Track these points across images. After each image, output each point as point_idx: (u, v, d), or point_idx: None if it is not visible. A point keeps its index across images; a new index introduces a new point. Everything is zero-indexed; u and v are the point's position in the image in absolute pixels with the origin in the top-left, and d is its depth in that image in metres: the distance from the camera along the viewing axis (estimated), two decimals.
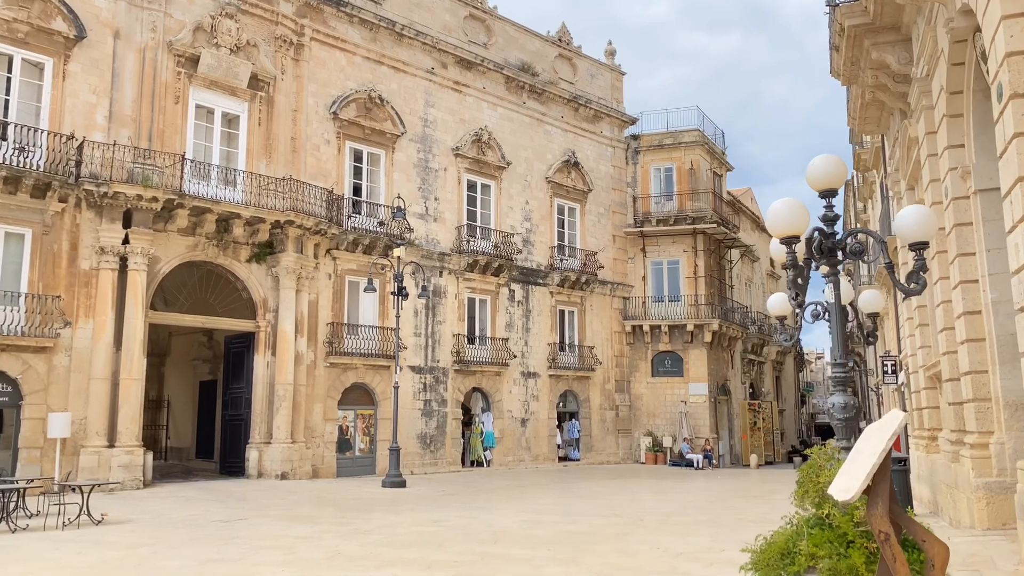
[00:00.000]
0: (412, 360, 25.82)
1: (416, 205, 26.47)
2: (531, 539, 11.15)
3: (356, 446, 24.31)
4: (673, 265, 34.48)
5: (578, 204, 32.74)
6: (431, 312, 26.64)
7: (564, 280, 31.16)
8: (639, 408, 33.90)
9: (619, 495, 19.04)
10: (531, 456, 29.45)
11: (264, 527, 12.74)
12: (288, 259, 22.28)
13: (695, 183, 34.41)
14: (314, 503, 16.78)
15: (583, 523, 13.08)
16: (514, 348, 29.21)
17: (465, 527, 12.55)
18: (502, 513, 14.69)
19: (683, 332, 33.49)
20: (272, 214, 21.71)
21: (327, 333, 23.62)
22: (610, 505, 16.22)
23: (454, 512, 14.88)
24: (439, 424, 26.35)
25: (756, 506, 16.05)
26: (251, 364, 22.48)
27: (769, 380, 44.57)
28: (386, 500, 17.51)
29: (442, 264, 27.07)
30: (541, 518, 13.81)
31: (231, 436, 23.05)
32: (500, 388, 28.68)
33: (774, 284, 47.86)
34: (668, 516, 14.11)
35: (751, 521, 13.12)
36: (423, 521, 13.49)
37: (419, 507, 15.93)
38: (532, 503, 16.82)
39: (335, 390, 23.72)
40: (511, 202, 29.89)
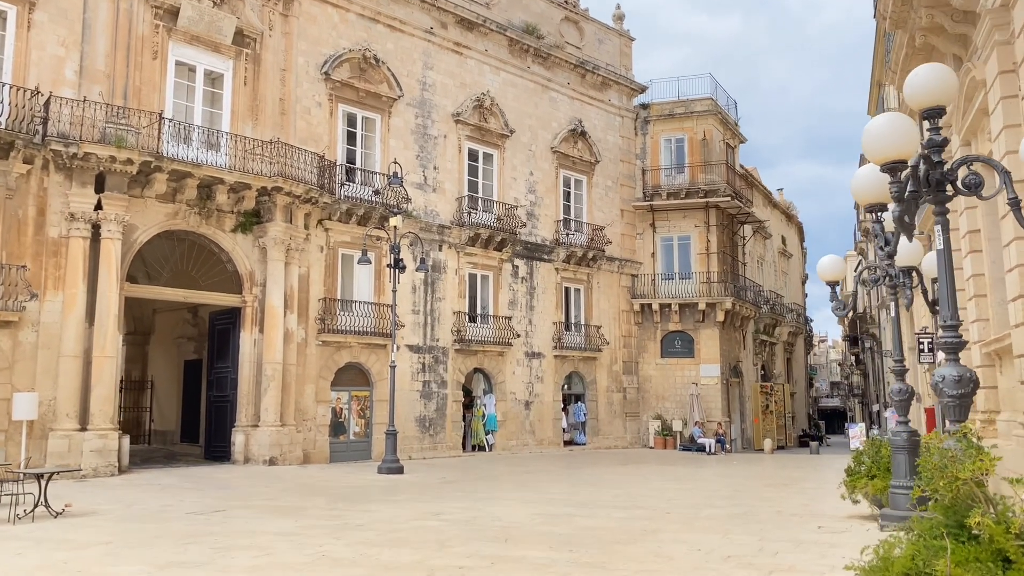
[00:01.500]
0: (410, 339, 24.29)
1: (414, 174, 24.83)
2: (547, 537, 9.64)
3: (351, 429, 22.81)
4: (684, 241, 32.88)
5: (585, 176, 31.10)
6: (430, 288, 25.07)
7: (570, 256, 29.58)
8: (648, 390, 32.42)
9: (635, 483, 17.57)
10: (535, 440, 27.99)
11: (242, 521, 11.23)
12: (276, 229, 20.69)
13: (707, 154, 32.76)
14: (302, 492, 15.30)
15: (602, 517, 11.58)
16: (517, 327, 27.68)
17: (470, 521, 11.05)
18: (510, 504, 13.20)
19: (694, 311, 31.95)
20: (258, 180, 20.10)
21: (319, 309, 22.06)
22: (629, 495, 14.73)
23: (456, 503, 13.39)
24: (439, 406, 24.85)
25: (790, 496, 14.57)
26: (237, 342, 20.94)
27: (780, 362, 43.11)
28: (382, 488, 16.04)
29: (442, 237, 25.47)
30: (554, 510, 12.32)
31: (216, 419, 21.55)
32: (503, 369, 27.17)
33: (786, 263, 46.34)
34: (696, 508, 12.61)
35: (793, 515, 11.64)
36: (422, 514, 11.99)
37: (418, 497, 14.44)
38: (541, 492, 15.34)
39: (328, 370, 22.19)
40: (514, 173, 28.26)
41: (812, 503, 13.26)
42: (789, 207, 47.43)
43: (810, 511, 12.04)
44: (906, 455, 9.74)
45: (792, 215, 48.20)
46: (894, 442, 9.85)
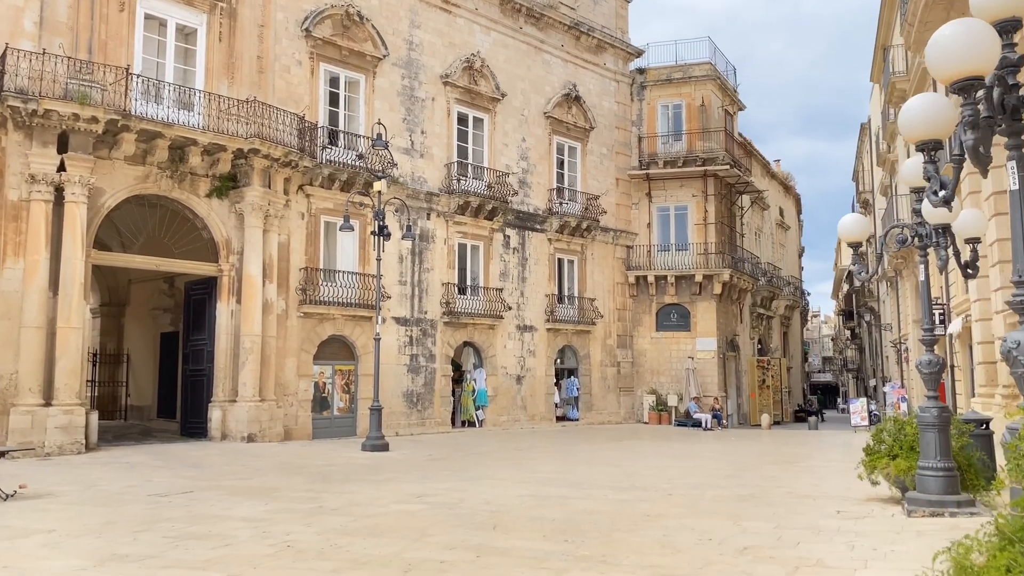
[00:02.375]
0: (397, 311, 23.28)
1: (400, 138, 23.69)
2: (540, 523, 8.72)
3: (334, 405, 21.86)
4: (681, 211, 31.87)
5: (579, 143, 29.98)
6: (417, 258, 24.02)
7: (563, 226, 28.55)
8: (642, 365, 31.55)
9: (631, 460, 16.70)
10: (527, 416, 27.12)
11: (207, 504, 10.28)
12: (253, 194, 19.58)
13: (706, 121, 31.65)
14: (279, 471, 14.36)
15: (599, 499, 10.67)
16: (509, 299, 26.70)
17: (456, 505, 10.12)
18: (500, 484, 12.29)
19: (691, 283, 31.01)
20: (234, 141, 18.96)
21: (300, 279, 21.01)
22: (626, 474, 13.84)
23: (442, 483, 12.47)
24: (427, 381, 23.91)
25: (797, 476, 13.71)
26: (213, 313, 19.90)
27: (777, 336, 42.32)
28: (364, 467, 15.12)
29: (429, 205, 24.38)
30: (547, 491, 11.41)
31: (193, 394, 20.56)
32: (494, 342, 26.23)
33: (783, 235, 45.44)
34: (699, 489, 11.72)
35: (806, 497, 10.75)
36: (405, 496, 11.06)
37: (402, 476, 13.53)
38: (533, 471, 14.44)
39: (310, 343, 21.20)
40: (506, 139, 27.12)
41: (822, 483, 12.40)
42: (787, 178, 46.43)
43: (823, 492, 11.17)
44: (936, 433, 8.84)
45: (790, 186, 47.21)
46: (923, 419, 8.95)
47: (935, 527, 7.99)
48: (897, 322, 31.50)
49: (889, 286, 34.03)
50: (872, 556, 6.74)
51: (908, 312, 26.36)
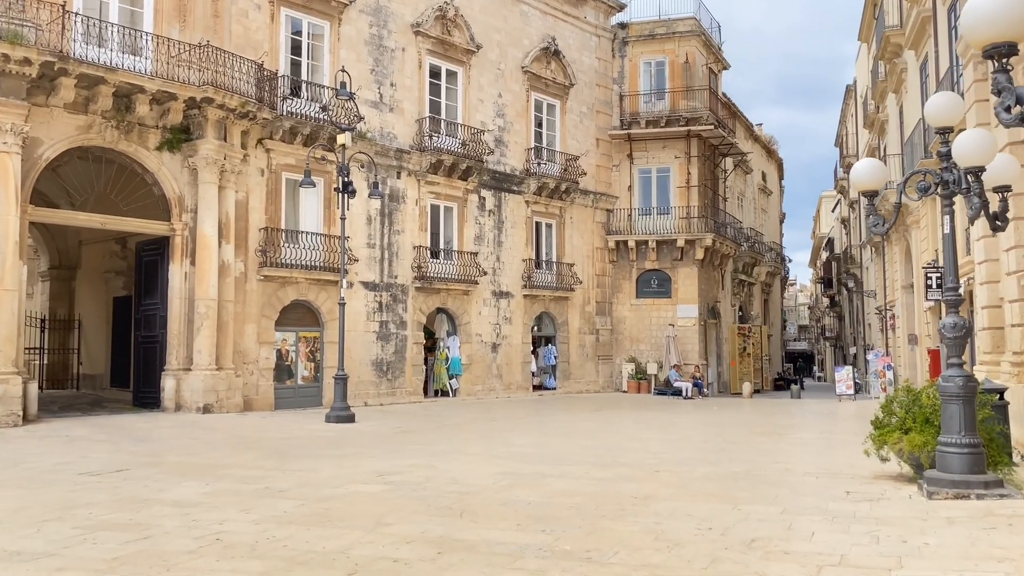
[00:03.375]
0: (365, 275, 22.03)
1: (368, 91, 22.26)
2: (514, 508, 7.64)
3: (298, 374, 20.67)
4: (663, 173, 30.73)
5: (558, 100, 28.66)
6: (387, 220, 22.72)
7: (542, 188, 27.33)
8: (621, 332, 30.60)
9: (612, 432, 15.70)
10: (503, 385, 26.10)
11: (140, 485, 9.10)
12: (208, 147, 18.16)
13: (689, 79, 30.42)
14: (232, 445, 13.20)
15: (580, 477, 9.63)
16: (484, 264, 25.52)
17: (421, 485, 9.03)
18: (471, 460, 11.22)
19: (672, 248, 29.98)
20: (185, 89, 17.49)
21: (260, 240, 19.68)
22: (607, 448, 12.83)
23: (409, 458, 11.38)
24: (397, 349, 22.74)
25: (791, 450, 12.77)
26: (166, 275, 18.56)
27: (758, 303, 41.55)
28: (325, 440, 13.99)
29: (400, 163, 23.04)
30: (522, 468, 10.35)
31: (145, 362, 19.26)
32: (468, 309, 25.08)
33: (765, 200, 44.52)
34: (689, 465, 10.72)
35: (807, 475, 9.78)
36: (365, 474, 9.95)
37: (365, 450, 12.42)
38: (508, 444, 13.39)
39: (271, 308, 19.93)
40: (481, 94, 25.75)
41: (820, 458, 11.46)
42: (770, 141, 45.40)
43: (824, 469, 10.20)
44: (961, 406, 7.85)
45: (773, 150, 46.18)
46: (945, 389, 7.94)
47: (965, 512, 7.02)
48: (883, 289, 30.73)
49: (875, 251, 33.23)
50: (904, 551, 5.72)
51: (896, 278, 25.53)
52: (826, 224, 70.59)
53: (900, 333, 25.64)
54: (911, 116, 21.72)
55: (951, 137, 8.13)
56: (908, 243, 23.48)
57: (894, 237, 25.83)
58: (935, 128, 8.20)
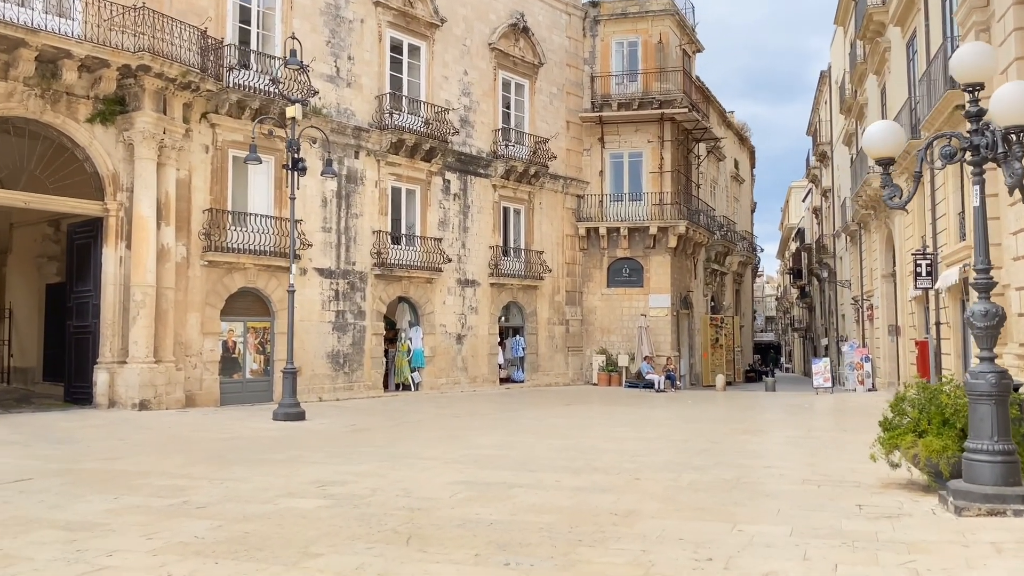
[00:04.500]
0: (320, 261, 20.62)
1: (324, 64, 20.80)
2: (473, 530, 6.41)
3: (247, 367, 19.23)
4: (635, 158, 29.63)
5: (527, 80, 27.39)
6: (344, 202, 21.31)
7: (510, 171, 26.06)
8: (592, 323, 29.50)
9: (584, 429, 14.53)
10: (468, 378, 24.85)
11: (34, 500, 7.72)
12: (145, 120, 16.63)
13: (663, 61, 29.31)
14: (162, 447, 11.82)
15: (551, 487, 8.42)
16: (449, 251, 24.22)
17: (366, 498, 7.76)
18: (428, 466, 9.95)
19: (644, 236, 28.91)
20: (119, 55, 15.95)
21: (204, 222, 18.19)
22: (579, 449, 11.64)
23: (357, 464, 10.10)
24: (355, 340, 21.37)
25: (782, 451, 11.68)
26: (99, 260, 17.03)
27: (730, 293, 40.74)
28: (269, 441, 12.65)
29: (358, 142, 21.62)
30: (485, 476, 9.12)
31: (78, 354, 17.73)
32: (432, 298, 23.77)
33: (738, 188, 43.68)
34: (672, 470, 9.56)
35: (808, 483, 8.65)
36: (304, 484, 8.65)
37: (310, 454, 11.11)
38: (471, 445, 12.16)
39: (217, 296, 18.46)
40: (446, 71, 24.38)
41: (817, 461, 10.36)
42: (743, 128, 44.54)
43: (824, 476, 9.09)
44: (993, 406, 6.75)
45: (745, 137, 45.35)
46: (975, 387, 6.85)
47: (1009, 534, 5.92)
48: (860, 278, 29.94)
49: (850, 240, 32.45)
50: None
51: (876, 267, 24.68)
52: (795, 214, 70.20)
53: (879, 324, 24.81)
54: (895, 97, 20.79)
55: (981, 95, 7.02)
56: (890, 230, 22.61)
57: (873, 225, 24.98)
58: (962, 84, 7.07)
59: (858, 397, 24.12)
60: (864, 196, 22.83)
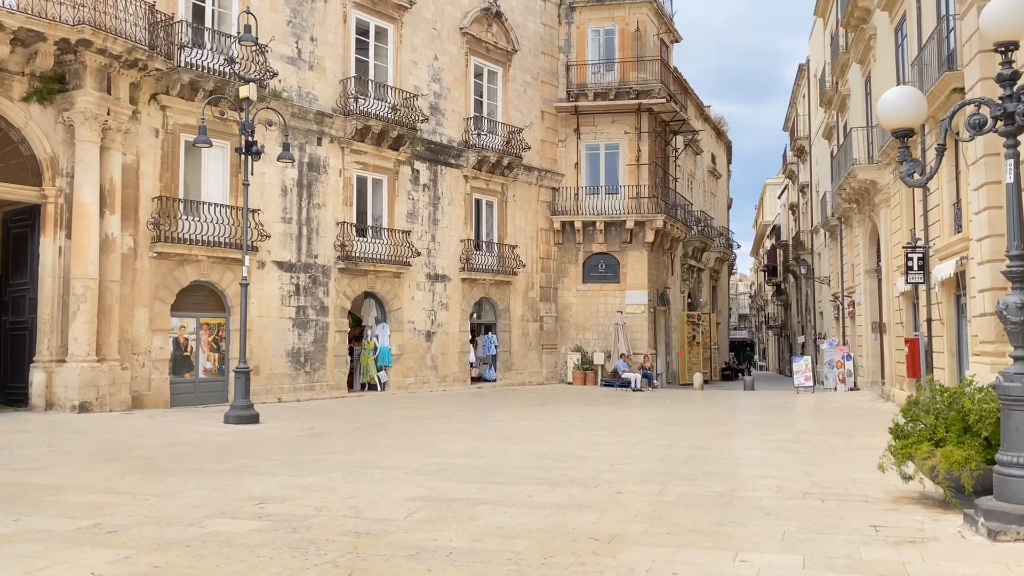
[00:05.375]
0: (280, 254, 19.46)
1: (284, 45, 19.64)
2: (428, 563, 5.41)
3: (199, 366, 18.04)
4: (612, 150, 28.73)
5: (500, 67, 26.37)
6: (306, 191, 20.17)
7: (482, 162, 25.03)
8: (567, 320, 28.57)
9: (559, 433, 13.57)
10: (438, 377, 23.80)
11: None
12: (86, 100, 15.40)
13: (640, 50, 28.42)
14: (94, 456, 10.66)
15: (522, 505, 7.44)
16: (418, 244, 23.15)
17: (307, 520, 6.72)
18: (384, 478, 8.92)
19: (621, 230, 28.03)
20: (56, 28, 14.71)
21: (154, 211, 16.98)
22: (554, 456, 10.66)
23: (306, 475, 9.04)
24: (317, 337, 20.24)
25: (775, 458, 10.77)
26: (36, 250, 15.76)
27: (707, 290, 40.01)
28: (216, 447, 11.55)
29: (321, 128, 20.48)
30: (448, 491, 8.10)
31: (14, 352, 16.45)
32: (400, 294, 22.68)
33: (715, 184, 42.98)
34: (658, 483, 8.61)
35: (808, 495, 7.73)
36: (240, 500, 7.59)
37: (258, 462, 10.04)
38: (435, 451, 11.13)
39: (167, 290, 17.26)
40: (415, 55, 23.28)
41: (814, 469, 9.46)
42: (720, 122, 43.83)
43: (826, 487, 8.19)
44: None
45: (723, 131, 44.65)
46: (1009, 392, 5.96)
47: None
48: (840, 275, 29.28)
49: (829, 236, 31.79)
50: None
51: (859, 262, 23.96)
52: (770, 212, 69.82)
53: (862, 321, 24.11)
54: (882, 85, 20.04)
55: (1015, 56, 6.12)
56: (874, 224, 21.88)
57: (856, 219, 24.26)
58: (994, 44, 6.17)
59: (840, 397, 23.40)
60: (848, 189, 22.06)
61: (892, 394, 19.73)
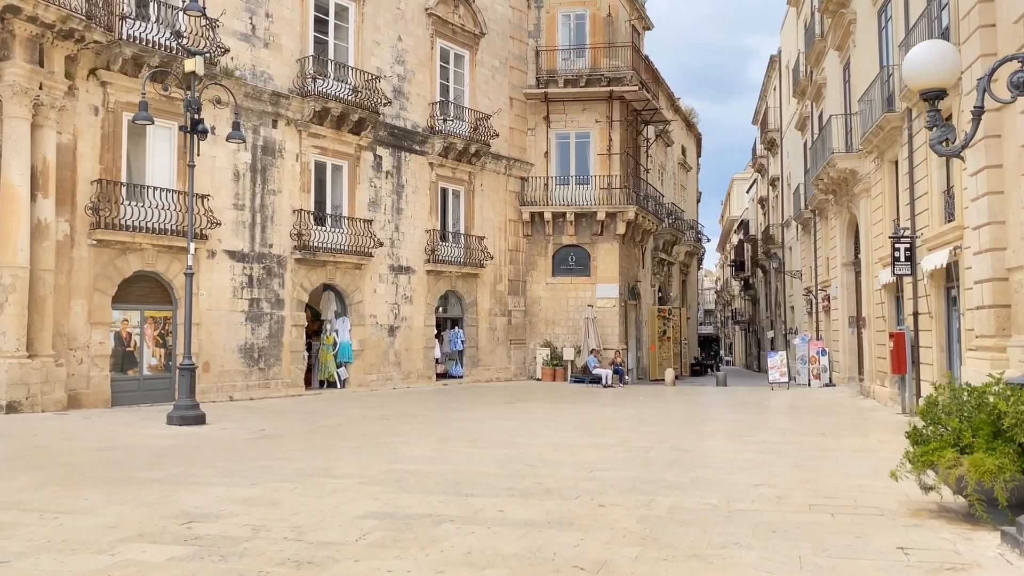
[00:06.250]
0: (231, 243, 18.27)
1: (237, 20, 18.43)
2: None
3: (144, 362, 16.82)
4: (582, 139, 27.87)
5: (467, 51, 25.34)
6: (260, 176, 18.99)
7: (448, 148, 24.00)
8: (536, 314, 27.68)
9: (530, 434, 12.65)
10: (401, 374, 22.75)
11: None
12: (15, 72, 14.11)
13: (612, 36, 27.59)
14: (10, 463, 9.56)
15: (491, 519, 6.50)
16: (381, 234, 22.08)
17: (240, 544, 5.71)
18: (339, 487, 7.92)
19: (592, 222, 27.20)
20: None
21: (93, 195, 15.72)
22: (526, 460, 9.73)
23: (251, 484, 8.02)
24: (272, 332, 19.08)
25: (764, 460, 9.94)
26: None
27: (677, 284, 39.37)
28: (152, 452, 10.44)
29: (276, 109, 19.30)
30: (407, 504, 7.12)
31: None
32: (361, 286, 21.59)
33: (685, 176, 42.37)
34: (644, 491, 7.73)
35: (814, 508, 6.89)
36: (169, 517, 6.55)
37: (197, 469, 8.98)
38: (397, 456, 10.14)
39: (108, 281, 16.01)
40: (378, 35, 22.17)
41: (814, 477, 8.64)
42: (690, 114, 43.21)
43: (833, 498, 7.35)
44: None
45: (693, 123, 44.04)
46: None
47: None
48: (813, 269, 28.74)
49: (802, 229, 31.27)
50: None
51: (835, 255, 23.36)
52: (738, 207, 69.63)
53: (838, 316, 23.52)
54: (862, 71, 19.40)
55: None
56: (853, 215, 21.26)
57: (832, 210, 23.65)
58: None
59: (817, 393, 22.80)
60: (826, 179, 21.42)
61: (872, 390, 19.12)
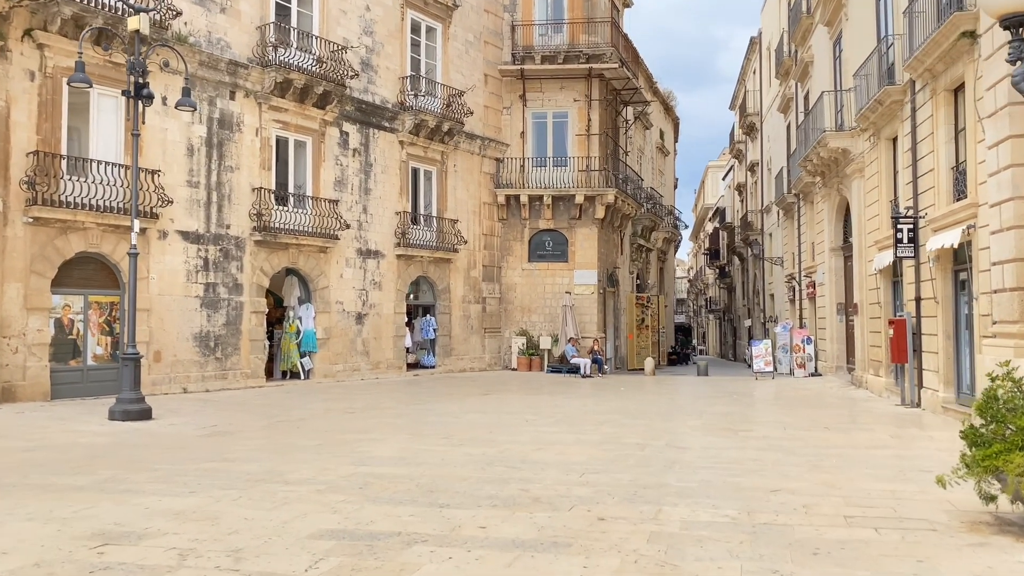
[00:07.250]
0: (185, 222, 16.94)
1: None
2: None
3: (88, 351, 15.47)
4: (560, 119, 26.76)
5: (440, 23, 24.09)
6: (216, 151, 17.65)
7: (419, 126, 22.78)
8: (511, 301, 26.60)
9: (510, 429, 11.58)
10: (369, 364, 21.56)
11: None
12: None
13: (591, 11, 26.48)
14: None
15: (471, 538, 5.41)
16: (348, 215, 20.83)
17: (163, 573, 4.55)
18: (292, 496, 6.77)
19: (570, 205, 26.14)
20: None
21: (29, 168, 14.32)
22: (508, 461, 8.64)
23: (189, 492, 6.87)
24: (230, 319, 17.79)
25: (772, 459, 8.94)
26: None
27: (655, 271, 38.49)
28: (83, 453, 9.24)
29: (234, 80, 17.96)
30: (372, 518, 6.01)
31: None
32: (327, 271, 20.35)
33: (663, 161, 41.43)
34: (647, 500, 6.69)
35: (851, 520, 5.88)
36: (81, 538, 5.40)
37: (132, 474, 7.81)
38: (362, 457, 9.01)
39: (47, 262, 14.64)
40: (344, 4, 20.86)
41: (835, 480, 7.65)
42: (669, 96, 42.27)
43: (868, 508, 6.36)
44: None
45: (671, 107, 43.11)
46: None
47: None
48: (796, 255, 27.94)
49: (784, 215, 30.47)
50: None
51: (823, 239, 22.51)
52: (712, 195, 69.02)
53: (825, 303, 22.70)
54: (855, 46, 18.49)
55: None
56: (844, 197, 20.40)
57: (820, 193, 22.80)
58: None
59: (804, 383, 21.97)
60: (816, 159, 20.53)
61: (865, 380, 18.29)
